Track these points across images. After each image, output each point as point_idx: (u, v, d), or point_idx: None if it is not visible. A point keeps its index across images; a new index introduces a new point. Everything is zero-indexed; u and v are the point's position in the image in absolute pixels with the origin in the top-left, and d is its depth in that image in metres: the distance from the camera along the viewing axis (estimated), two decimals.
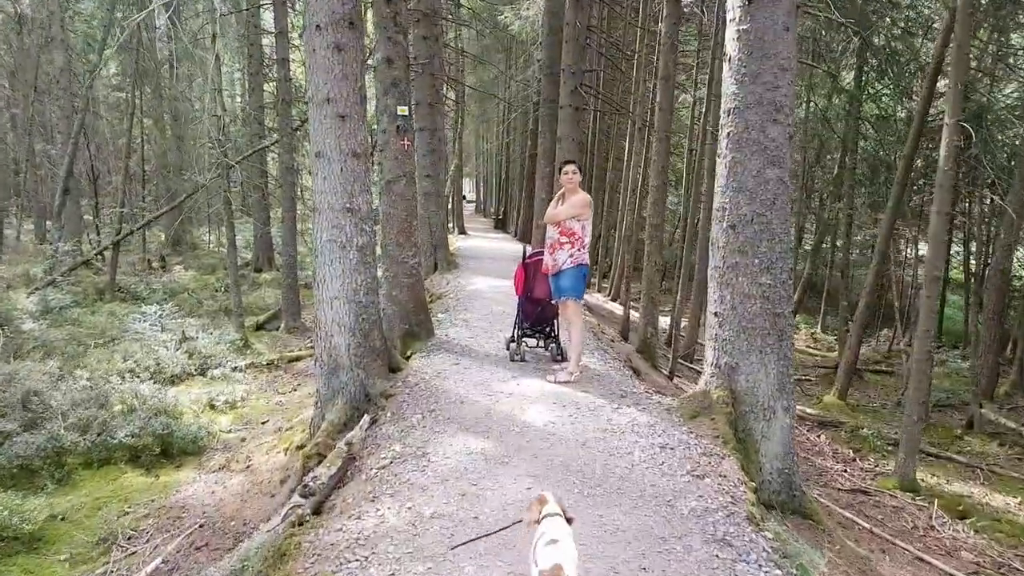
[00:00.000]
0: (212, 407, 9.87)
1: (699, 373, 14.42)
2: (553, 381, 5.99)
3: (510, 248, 21.68)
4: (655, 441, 4.63)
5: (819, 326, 19.12)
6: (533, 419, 4.98)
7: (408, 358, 7.32)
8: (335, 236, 5.97)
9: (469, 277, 13.86)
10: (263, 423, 9.25)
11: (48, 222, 23.00)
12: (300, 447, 6.90)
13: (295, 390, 10.49)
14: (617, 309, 18.01)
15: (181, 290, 19.79)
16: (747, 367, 5.05)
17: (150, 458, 8.14)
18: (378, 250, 6.99)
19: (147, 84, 22.95)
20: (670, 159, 22.24)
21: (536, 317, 6.82)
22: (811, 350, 16.78)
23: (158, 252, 25.88)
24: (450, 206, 29.05)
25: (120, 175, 20.62)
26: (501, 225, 34.23)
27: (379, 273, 7.37)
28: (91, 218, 23.17)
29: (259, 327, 15.32)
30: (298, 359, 12.47)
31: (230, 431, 9.13)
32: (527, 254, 6.93)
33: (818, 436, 10.28)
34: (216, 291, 20.10)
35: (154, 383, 11.06)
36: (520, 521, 3.07)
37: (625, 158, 15.64)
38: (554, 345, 6.99)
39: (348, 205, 5.98)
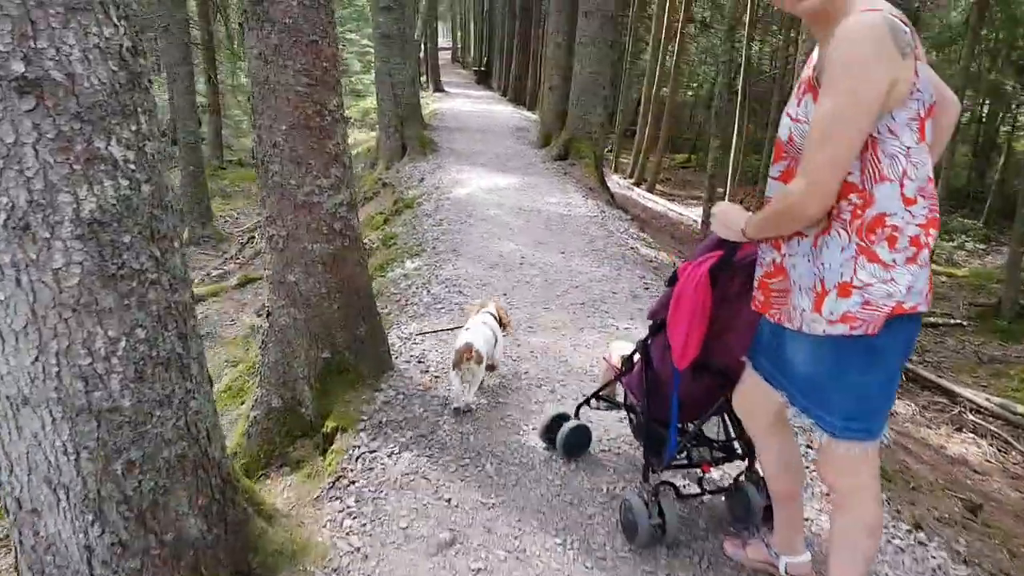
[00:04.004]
0: None
1: None
2: None
3: (501, 113, 16.71)
4: None
5: None
6: None
7: (330, 441, 3.11)
8: None
9: (453, 167, 9.29)
10: None
11: None
12: None
13: None
14: (648, 200, 13.59)
15: None
16: None
17: None
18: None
19: None
20: None
21: (700, 406, 2.21)
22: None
23: None
24: (422, 55, 23.40)
25: None
26: (484, 79, 28.57)
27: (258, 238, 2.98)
28: None
29: None
30: (195, 301, 8.14)
31: None
32: (708, 243, 1.94)
33: None
34: None
35: None
36: (461, 327, 3.43)
37: None
38: (752, 488, 2.36)
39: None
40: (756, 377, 1.85)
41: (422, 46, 23.26)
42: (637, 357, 2.34)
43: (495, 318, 3.50)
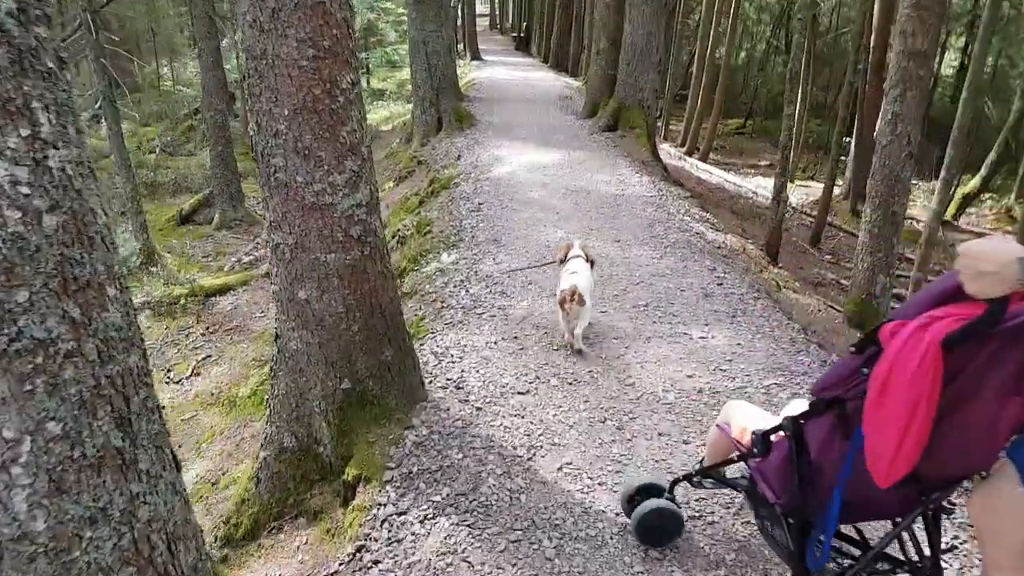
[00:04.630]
0: None
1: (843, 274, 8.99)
2: None
3: (542, 80, 15.86)
4: None
5: (1013, 195, 13.44)
6: None
7: (352, 491, 2.58)
8: None
9: (493, 142, 8.63)
10: None
11: None
12: None
13: (197, 370, 5.92)
14: (702, 171, 12.71)
15: (103, 155, 14.69)
16: None
17: None
18: None
19: None
20: None
21: (878, 510, 1.58)
22: (1012, 236, 11.46)
23: (93, 97, 20.29)
24: (459, 22, 22.57)
25: None
26: (524, 46, 27.53)
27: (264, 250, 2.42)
28: None
29: (184, 219, 10.45)
30: (224, 290, 7.78)
31: None
32: (935, 290, 1.30)
33: None
34: (150, 152, 14.95)
35: None
36: (553, 262, 3.82)
37: None
38: None
39: None
40: (1014, 483, 1.20)
41: (459, 13, 22.44)
42: (777, 435, 1.65)
43: (585, 259, 3.63)
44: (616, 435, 2.75)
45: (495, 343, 3.53)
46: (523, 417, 2.84)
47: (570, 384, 3.13)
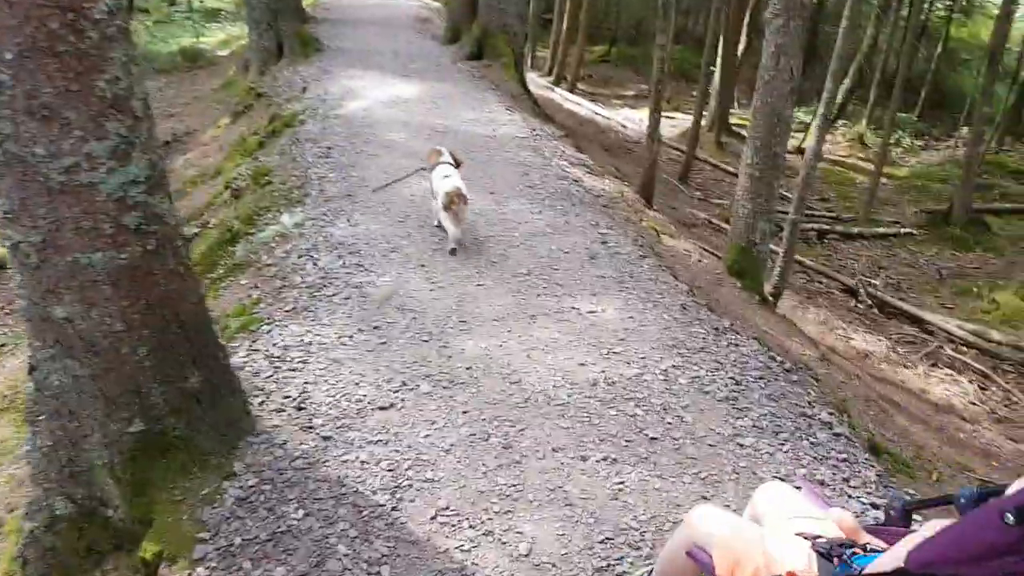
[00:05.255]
0: None
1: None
2: None
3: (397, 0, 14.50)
4: None
5: (865, 121, 13.96)
6: None
7: (153, 572, 1.91)
8: None
9: (343, 72, 7.61)
10: None
11: None
12: None
13: None
14: (571, 103, 12.26)
15: None
16: None
17: None
18: None
19: None
20: None
21: None
22: (864, 163, 11.90)
23: None
24: None
25: None
26: None
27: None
28: None
29: None
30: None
31: None
32: None
33: None
34: None
35: None
36: (423, 168, 4.05)
37: None
38: None
39: None
40: None
41: None
42: None
43: (453, 164, 3.88)
44: (502, 457, 2.27)
45: (350, 337, 2.89)
46: (386, 443, 2.28)
47: (445, 388, 2.60)
